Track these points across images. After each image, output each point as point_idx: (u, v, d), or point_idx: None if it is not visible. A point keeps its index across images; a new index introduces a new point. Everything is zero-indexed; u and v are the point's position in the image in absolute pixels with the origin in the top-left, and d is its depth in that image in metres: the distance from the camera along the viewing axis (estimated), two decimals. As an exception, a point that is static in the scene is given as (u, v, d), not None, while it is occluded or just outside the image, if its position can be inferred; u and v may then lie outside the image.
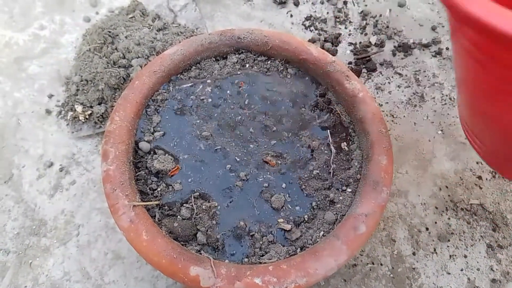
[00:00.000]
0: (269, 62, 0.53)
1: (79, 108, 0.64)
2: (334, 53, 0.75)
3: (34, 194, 0.61)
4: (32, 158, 0.64)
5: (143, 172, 0.44)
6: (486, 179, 0.64)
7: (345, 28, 0.81)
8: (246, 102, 0.50)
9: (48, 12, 0.82)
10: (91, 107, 0.65)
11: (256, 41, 0.52)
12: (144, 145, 0.45)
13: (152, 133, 0.47)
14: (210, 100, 0.50)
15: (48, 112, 0.68)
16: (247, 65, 0.52)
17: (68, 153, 0.64)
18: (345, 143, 0.47)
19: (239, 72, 0.52)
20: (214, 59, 0.53)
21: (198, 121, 0.48)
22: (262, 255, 0.40)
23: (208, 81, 0.51)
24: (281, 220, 0.42)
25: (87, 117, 0.64)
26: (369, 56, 0.75)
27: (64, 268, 0.55)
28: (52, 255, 0.56)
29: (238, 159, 0.45)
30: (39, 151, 0.65)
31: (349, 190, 0.44)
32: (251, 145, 0.47)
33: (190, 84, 0.51)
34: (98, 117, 0.64)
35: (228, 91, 0.50)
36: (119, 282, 0.53)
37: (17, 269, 0.55)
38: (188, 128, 0.48)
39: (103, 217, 0.58)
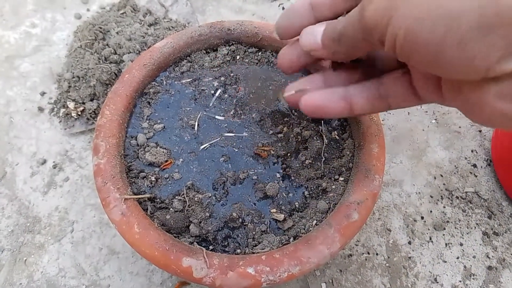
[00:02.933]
0: (260, 54, 0.53)
1: (71, 105, 0.64)
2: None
3: (28, 191, 0.61)
4: (25, 156, 0.64)
5: (135, 163, 0.44)
6: (481, 167, 0.64)
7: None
8: (238, 95, 0.49)
9: (39, 10, 0.82)
10: (83, 103, 0.65)
11: (246, 33, 0.52)
12: (140, 138, 0.45)
13: (148, 127, 0.47)
14: (204, 94, 0.50)
15: (41, 109, 0.68)
16: (238, 57, 0.52)
17: (61, 150, 0.64)
18: (336, 132, 0.47)
19: (232, 74, 0.51)
20: (204, 51, 0.53)
21: (191, 115, 0.48)
22: (255, 245, 0.40)
23: (202, 76, 0.51)
24: (274, 210, 0.42)
25: (80, 113, 0.64)
26: (362, 47, 0.75)
27: (59, 265, 0.54)
28: (47, 252, 0.55)
29: (231, 151, 0.45)
30: (32, 148, 0.64)
31: (341, 178, 0.44)
32: (243, 136, 0.46)
33: (187, 80, 0.50)
34: (91, 113, 0.64)
35: (221, 87, 0.50)
36: (115, 277, 0.53)
37: (12, 266, 0.54)
38: (179, 121, 0.47)
39: (97, 213, 0.58)
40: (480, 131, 0.68)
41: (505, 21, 0.17)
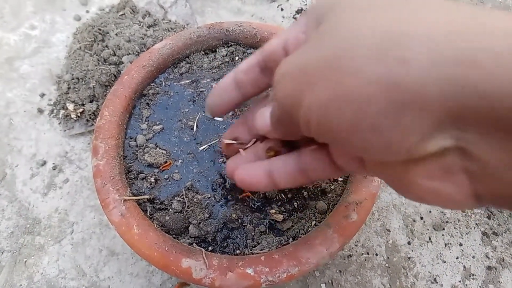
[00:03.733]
0: (258, 55, 0.53)
1: (70, 106, 0.64)
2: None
3: (28, 193, 0.61)
4: (25, 157, 0.64)
5: (135, 164, 0.44)
6: (480, 167, 0.64)
7: (337, 20, 0.81)
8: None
9: (39, 11, 0.82)
10: (83, 105, 0.65)
11: (245, 34, 0.52)
12: (140, 139, 0.45)
13: (147, 129, 0.47)
14: (203, 95, 0.50)
15: (40, 111, 0.68)
16: (237, 58, 0.52)
17: (60, 151, 0.64)
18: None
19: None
20: (203, 53, 0.53)
21: (190, 116, 0.48)
22: (254, 246, 0.40)
23: (201, 77, 0.51)
24: (273, 211, 0.42)
25: (79, 115, 0.64)
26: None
27: (59, 266, 0.55)
28: (47, 253, 0.56)
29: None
30: (32, 150, 0.65)
31: (340, 179, 0.44)
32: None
33: (186, 81, 0.51)
34: (90, 114, 0.64)
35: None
36: (114, 278, 0.53)
37: (12, 268, 0.54)
38: (179, 123, 0.47)
39: (97, 214, 0.58)
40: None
41: (413, 105, 0.15)
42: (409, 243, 0.57)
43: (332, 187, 0.43)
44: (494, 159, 0.15)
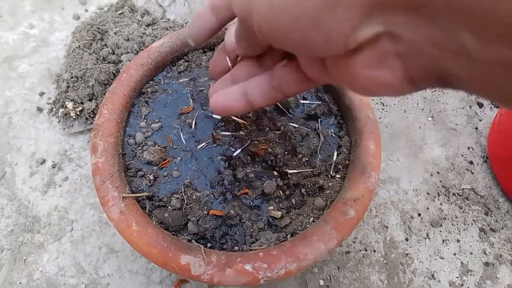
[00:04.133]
0: (256, 52, 0.53)
1: (70, 105, 0.64)
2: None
3: (27, 191, 0.61)
4: (25, 156, 0.64)
5: (133, 162, 0.44)
6: (478, 163, 0.65)
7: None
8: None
9: (37, 10, 0.82)
10: (82, 103, 0.65)
11: (243, 32, 0.52)
12: (138, 136, 0.46)
13: (146, 126, 0.47)
14: (201, 93, 0.50)
15: (40, 109, 0.68)
16: (235, 56, 0.52)
17: (60, 149, 0.64)
18: (332, 129, 0.47)
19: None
20: (201, 51, 0.53)
21: (188, 114, 0.48)
22: (253, 242, 0.40)
23: (199, 75, 0.51)
24: (271, 207, 0.42)
25: (78, 113, 0.65)
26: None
27: (59, 264, 0.55)
28: (47, 251, 0.56)
29: (228, 149, 0.46)
30: (31, 148, 0.65)
31: (338, 176, 0.44)
32: (240, 135, 0.47)
33: (184, 79, 0.51)
34: (89, 113, 0.64)
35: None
36: (114, 275, 0.54)
37: (12, 266, 0.55)
38: (177, 120, 0.48)
39: (96, 212, 0.58)
40: (476, 128, 0.68)
41: None
42: (407, 239, 0.58)
43: (330, 183, 0.43)
44: (415, 36, 0.17)
